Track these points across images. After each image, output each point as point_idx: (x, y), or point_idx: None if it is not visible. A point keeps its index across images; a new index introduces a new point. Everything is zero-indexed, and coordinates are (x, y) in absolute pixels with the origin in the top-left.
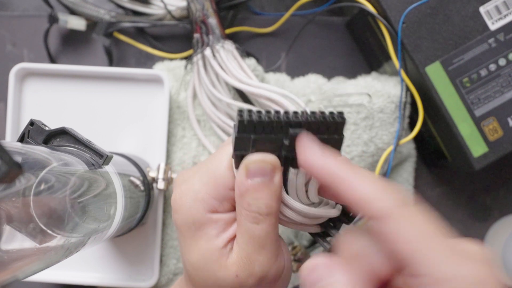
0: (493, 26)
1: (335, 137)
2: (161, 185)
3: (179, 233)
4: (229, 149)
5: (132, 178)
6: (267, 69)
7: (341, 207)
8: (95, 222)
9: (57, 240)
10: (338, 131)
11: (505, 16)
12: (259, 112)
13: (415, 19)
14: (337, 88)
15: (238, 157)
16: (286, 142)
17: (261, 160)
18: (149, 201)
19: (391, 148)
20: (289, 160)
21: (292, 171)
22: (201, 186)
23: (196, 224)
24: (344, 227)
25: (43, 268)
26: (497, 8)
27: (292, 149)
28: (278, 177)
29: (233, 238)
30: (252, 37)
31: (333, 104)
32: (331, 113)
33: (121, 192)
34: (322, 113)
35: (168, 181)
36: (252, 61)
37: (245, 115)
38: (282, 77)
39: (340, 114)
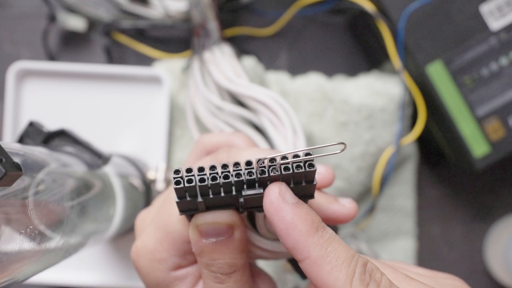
0: (494, 25)
1: (304, 185)
2: (160, 186)
3: None
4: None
5: (131, 179)
6: (268, 68)
7: None
8: (94, 223)
9: (56, 242)
10: (308, 178)
11: (506, 15)
12: (201, 171)
13: (416, 18)
14: (337, 87)
15: (188, 216)
16: (242, 200)
17: (212, 222)
18: (148, 202)
19: (392, 148)
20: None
21: (258, 214)
22: (156, 244)
23: (161, 285)
24: None
25: (42, 269)
26: (498, 7)
27: (251, 206)
28: (238, 233)
29: None
30: (253, 36)
31: (334, 104)
32: (296, 156)
33: (120, 193)
34: (284, 158)
35: (167, 181)
36: (252, 60)
37: (184, 180)
38: (283, 76)
39: (309, 160)
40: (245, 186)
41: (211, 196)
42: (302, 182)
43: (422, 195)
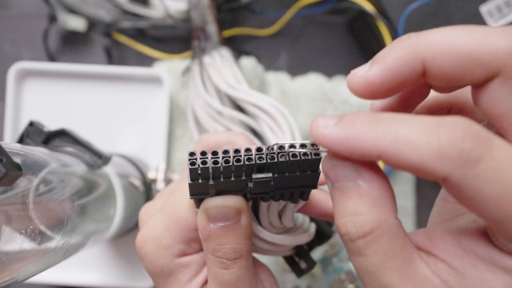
0: (494, 26)
1: (309, 173)
2: (160, 186)
3: (152, 279)
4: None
5: (131, 179)
6: (267, 68)
7: (314, 230)
8: (94, 223)
9: (57, 242)
10: (313, 167)
11: (506, 15)
12: (215, 154)
13: (416, 18)
14: (337, 87)
15: (197, 200)
16: (251, 185)
17: (221, 205)
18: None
19: None
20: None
21: (263, 204)
22: (163, 230)
23: (165, 272)
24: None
25: (42, 269)
26: (498, 7)
27: (259, 192)
28: (245, 219)
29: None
30: (253, 36)
31: (334, 104)
32: (303, 145)
33: (120, 193)
34: (292, 146)
35: (167, 181)
36: (252, 60)
37: (198, 162)
38: (283, 76)
39: (315, 149)
40: (254, 172)
41: (222, 179)
42: (307, 171)
43: (422, 195)
